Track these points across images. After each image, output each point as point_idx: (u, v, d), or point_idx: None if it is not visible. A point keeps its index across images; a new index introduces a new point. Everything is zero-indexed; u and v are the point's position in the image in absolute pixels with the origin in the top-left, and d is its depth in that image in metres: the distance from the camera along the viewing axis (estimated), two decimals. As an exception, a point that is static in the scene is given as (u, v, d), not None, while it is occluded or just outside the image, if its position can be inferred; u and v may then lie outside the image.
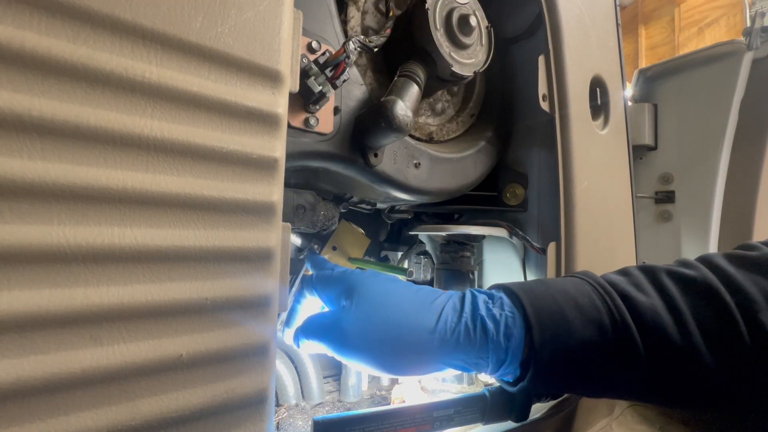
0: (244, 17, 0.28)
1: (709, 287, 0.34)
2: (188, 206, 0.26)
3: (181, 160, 0.25)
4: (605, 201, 0.65)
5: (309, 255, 0.51)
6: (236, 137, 0.27)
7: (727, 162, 0.99)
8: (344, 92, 0.45)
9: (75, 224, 0.22)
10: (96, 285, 0.23)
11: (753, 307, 0.32)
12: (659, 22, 3.65)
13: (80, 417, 0.22)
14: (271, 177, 0.29)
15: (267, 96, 0.29)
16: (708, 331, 0.32)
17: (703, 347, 0.32)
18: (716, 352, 0.32)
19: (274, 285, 0.30)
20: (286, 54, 0.30)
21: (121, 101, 0.23)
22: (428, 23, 0.46)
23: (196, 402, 0.26)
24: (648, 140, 1.09)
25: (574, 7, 0.61)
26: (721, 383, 0.32)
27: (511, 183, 0.64)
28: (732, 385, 0.32)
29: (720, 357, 0.32)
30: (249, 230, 0.28)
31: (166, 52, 0.25)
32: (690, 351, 0.32)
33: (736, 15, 3.10)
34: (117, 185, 0.23)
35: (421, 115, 0.58)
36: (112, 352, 0.23)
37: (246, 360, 0.28)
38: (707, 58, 1.02)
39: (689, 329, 0.33)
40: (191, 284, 0.26)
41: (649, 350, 0.33)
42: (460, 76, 0.49)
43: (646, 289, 0.36)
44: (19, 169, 0.20)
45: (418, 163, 0.53)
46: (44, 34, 0.21)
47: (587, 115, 0.62)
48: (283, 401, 0.76)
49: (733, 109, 0.97)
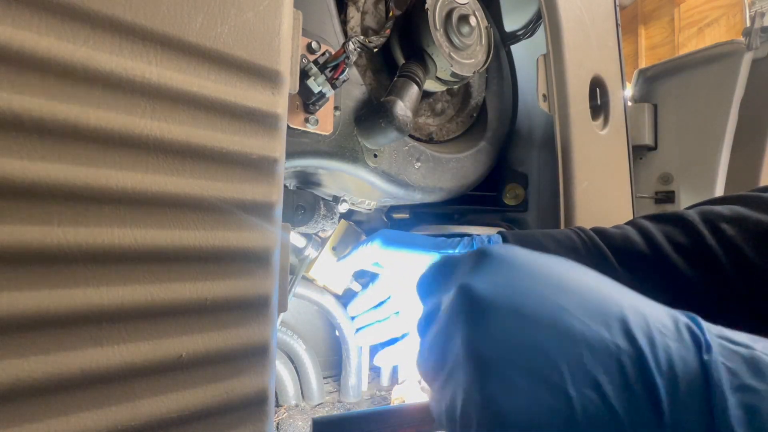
0: (243, 17, 0.28)
1: (679, 215, 0.39)
2: (188, 206, 0.26)
3: (180, 161, 0.25)
4: (605, 201, 0.64)
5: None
6: (236, 137, 0.27)
7: (727, 162, 0.99)
8: (344, 92, 0.45)
9: (75, 224, 0.22)
10: (96, 285, 0.23)
11: (716, 219, 0.37)
12: (659, 22, 3.65)
13: (80, 417, 0.22)
14: (271, 177, 0.29)
15: (266, 96, 0.29)
16: (677, 244, 0.37)
17: (672, 254, 0.37)
18: (685, 258, 0.36)
19: (274, 285, 0.30)
20: (285, 54, 0.30)
21: (120, 101, 0.23)
22: (428, 23, 0.46)
23: (196, 402, 0.26)
24: (648, 140, 1.09)
25: (574, 7, 0.61)
26: (696, 290, 0.36)
27: (511, 183, 0.64)
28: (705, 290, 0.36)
29: (690, 263, 0.36)
30: (249, 230, 0.28)
31: (166, 52, 0.25)
32: (660, 259, 0.37)
33: (735, 15, 3.10)
34: (117, 185, 0.23)
35: (421, 115, 0.58)
36: (112, 352, 0.23)
37: (246, 360, 0.28)
38: (707, 58, 1.02)
39: (656, 241, 0.37)
40: (191, 284, 0.26)
41: (621, 263, 0.38)
42: (459, 76, 0.49)
43: (621, 226, 0.42)
44: (19, 170, 0.20)
45: (418, 164, 0.53)
46: (44, 35, 0.21)
47: (587, 115, 0.62)
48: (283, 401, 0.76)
49: (733, 109, 0.98)
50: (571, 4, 0.61)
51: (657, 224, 0.40)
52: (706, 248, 0.36)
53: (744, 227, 0.36)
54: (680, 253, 0.37)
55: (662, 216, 0.41)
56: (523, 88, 0.66)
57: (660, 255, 0.37)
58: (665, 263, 0.37)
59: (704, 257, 0.36)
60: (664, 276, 0.37)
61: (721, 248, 0.35)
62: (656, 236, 0.38)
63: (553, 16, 0.58)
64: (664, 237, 0.38)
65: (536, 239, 0.42)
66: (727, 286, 0.35)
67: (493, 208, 0.65)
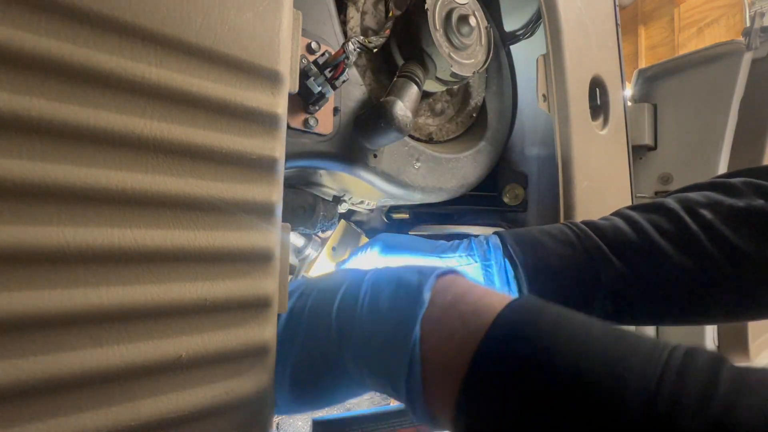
0: (243, 18, 0.28)
1: (661, 203, 0.42)
2: (188, 206, 0.26)
3: (180, 161, 0.25)
4: (605, 201, 0.65)
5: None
6: (236, 138, 0.27)
7: (727, 162, 0.99)
8: (344, 93, 0.45)
9: (75, 225, 0.22)
10: (96, 285, 0.23)
11: (694, 206, 0.40)
12: (659, 22, 3.65)
13: (80, 417, 0.22)
14: (271, 177, 0.29)
15: (266, 96, 0.29)
16: (663, 231, 0.40)
17: (660, 241, 0.39)
18: (672, 244, 0.39)
19: (274, 285, 0.30)
20: (285, 54, 0.30)
21: (120, 102, 0.23)
22: (427, 24, 0.46)
23: (196, 402, 0.26)
24: (648, 140, 1.09)
25: (574, 7, 0.61)
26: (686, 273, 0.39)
27: (511, 183, 0.64)
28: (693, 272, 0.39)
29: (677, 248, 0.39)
30: (248, 231, 0.28)
31: (166, 52, 0.25)
32: (649, 247, 0.40)
33: (735, 15, 3.10)
34: (117, 186, 0.23)
35: (421, 115, 0.58)
36: (112, 352, 0.23)
37: (246, 360, 0.28)
38: (707, 58, 1.02)
39: (644, 230, 0.40)
40: (191, 284, 0.26)
41: (614, 253, 0.40)
42: (459, 77, 0.49)
43: (609, 218, 0.45)
44: (19, 170, 0.20)
45: (418, 164, 0.53)
46: (44, 35, 0.21)
47: (587, 115, 0.62)
48: (283, 402, 0.76)
49: (733, 109, 0.97)
50: (571, 4, 0.61)
51: (642, 213, 0.42)
52: (689, 233, 0.39)
53: (719, 211, 0.39)
54: (667, 240, 0.39)
55: (645, 206, 0.43)
56: (522, 88, 0.66)
57: (649, 243, 0.40)
58: (655, 250, 0.39)
59: (689, 242, 0.39)
60: (655, 262, 0.39)
61: (702, 232, 0.38)
62: (643, 225, 0.41)
63: (553, 16, 0.58)
64: (651, 225, 0.41)
65: (533, 236, 0.44)
66: (713, 267, 0.38)
67: (493, 208, 0.65)
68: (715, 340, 1.02)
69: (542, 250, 0.42)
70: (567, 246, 0.42)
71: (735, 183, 0.40)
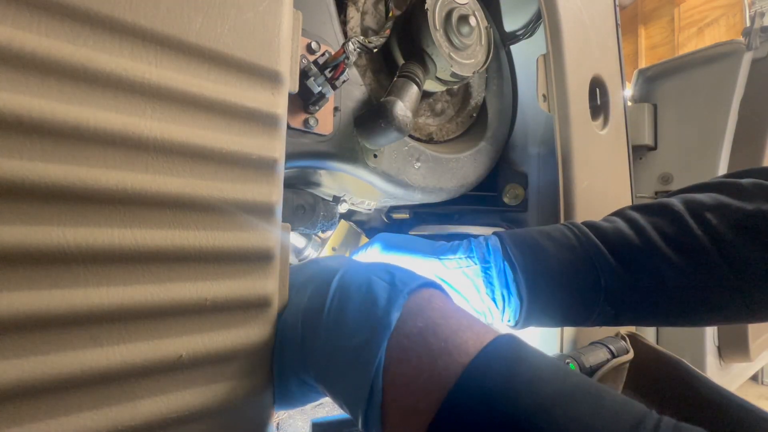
0: (243, 18, 0.28)
1: (665, 204, 0.41)
2: (188, 206, 0.26)
3: (180, 161, 0.25)
4: (605, 201, 0.65)
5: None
6: (236, 138, 0.27)
7: (727, 162, 0.99)
8: (344, 93, 0.45)
9: (75, 225, 0.22)
10: (96, 285, 0.23)
11: (700, 208, 0.38)
12: (659, 22, 3.65)
13: (80, 417, 0.22)
14: (271, 177, 0.29)
15: (266, 96, 0.29)
16: (665, 234, 0.39)
17: (662, 245, 0.38)
18: (674, 249, 0.38)
19: (274, 285, 0.30)
20: (285, 55, 0.30)
21: (120, 102, 0.23)
22: (427, 24, 0.46)
23: (196, 402, 0.26)
24: (648, 140, 1.09)
25: (574, 7, 0.61)
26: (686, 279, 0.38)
27: (511, 183, 0.64)
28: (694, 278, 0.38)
29: (679, 253, 0.38)
30: (249, 231, 0.28)
31: (166, 52, 0.25)
32: (650, 250, 0.39)
33: (735, 15, 3.10)
34: (117, 186, 0.23)
35: (421, 115, 0.58)
36: (112, 352, 0.23)
37: (246, 360, 0.28)
38: (707, 58, 1.02)
39: (646, 233, 0.39)
40: (191, 284, 0.26)
41: (614, 255, 0.40)
42: (459, 77, 0.49)
43: (611, 219, 0.43)
44: (19, 170, 0.20)
45: (418, 164, 0.53)
46: (44, 35, 0.21)
47: (587, 115, 0.62)
48: (284, 402, 0.76)
49: (733, 109, 0.98)
50: (571, 4, 0.61)
51: (645, 215, 0.41)
52: (693, 238, 0.37)
53: (726, 215, 0.37)
54: (669, 244, 0.38)
55: (649, 207, 0.42)
56: (523, 88, 0.66)
57: (650, 246, 0.39)
58: (656, 254, 0.38)
59: (692, 248, 0.38)
60: (655, 266, 0.38)
61: (707, 238, 0.37)
62: (646, 229, 0.40)
63: (552, 16, 0.58)
64: (653, 228, 0.39)
65: (533, 238, 0.43)
66: (715, 274, 0.37)
67: (493, 208, 0.65)
68: (716, 341, 1.02)
69: (542, 254, 0.41)
70: (567, 249, 0.41)
71: (745, 185, 0.38)
